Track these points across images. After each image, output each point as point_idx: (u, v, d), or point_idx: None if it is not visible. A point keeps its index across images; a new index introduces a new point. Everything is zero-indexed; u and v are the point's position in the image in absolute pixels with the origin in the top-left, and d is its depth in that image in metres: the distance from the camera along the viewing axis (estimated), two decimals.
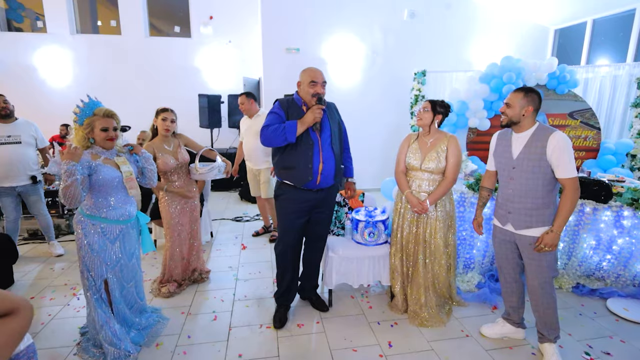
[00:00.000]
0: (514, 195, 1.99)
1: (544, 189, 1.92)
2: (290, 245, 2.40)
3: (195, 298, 2.76)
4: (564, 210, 1.86)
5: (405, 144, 2.50)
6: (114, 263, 2.05)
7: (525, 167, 1.94)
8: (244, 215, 4.86)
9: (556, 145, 1.84)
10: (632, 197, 2.61)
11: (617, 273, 2.77)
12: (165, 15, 6.86)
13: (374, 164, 5.89)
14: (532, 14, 5.95)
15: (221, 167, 2.81)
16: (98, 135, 1.96)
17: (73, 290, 2.87)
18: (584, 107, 4.31)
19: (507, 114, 1.97)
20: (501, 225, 2.11)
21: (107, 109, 1.99)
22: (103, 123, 1.95)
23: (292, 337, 2.32)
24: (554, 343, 2.07)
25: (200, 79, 6.62)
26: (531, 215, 1.95)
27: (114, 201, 2.01)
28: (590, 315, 2.55)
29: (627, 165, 4.30)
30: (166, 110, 2.68)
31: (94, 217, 1.97)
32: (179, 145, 2.78)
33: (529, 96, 1.93)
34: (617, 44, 5.13)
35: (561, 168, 1.85)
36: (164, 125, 2.66)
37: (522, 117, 1.94)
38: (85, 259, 1.97)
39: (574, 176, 1.84)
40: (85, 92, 2.22)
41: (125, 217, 2.06)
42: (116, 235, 2.04)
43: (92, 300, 2.01)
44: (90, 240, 1.96)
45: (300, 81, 2.24)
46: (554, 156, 1.85)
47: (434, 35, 5.92)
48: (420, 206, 2.34)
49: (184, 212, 2.80)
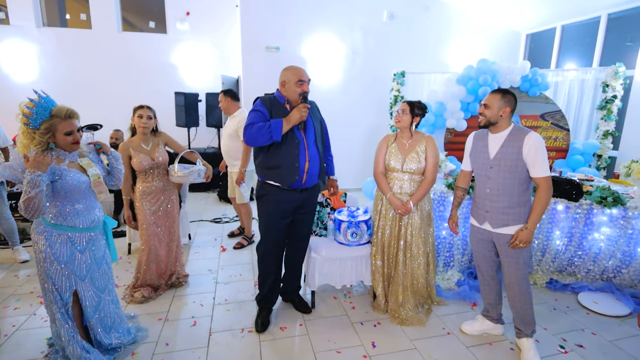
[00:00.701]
0: (491, 194, 2.04)
1: (520, 187, 1.97)
2: (273, 247, 2.36)
3: (173, 303, 2.67)
4: (538, 207, 1.93)
5: (384, 146, 2.50)
6: (84, 274, 1.89)
7: (502, 167, 1.98)
8: (223, 216, 4.76)
9: (532, 145, 1.90)
10: (601, 195, 2.73)
11: (587, 268, 2.89)
12: (139, 9, 6.61)
13: (354, 164, 5.92)
14: (505, 18, 6.15)
15: (201, 171, 2.71)
16: (62, 140, 1.76)
17: (40, 299, 2.70)
18: (555, 109, 4.49)
19: (485, 115, 2.01)
20: (478, 224, 2.15)
21: (67, 108, 1.76)
22: (67, 126, 1.74)
23: (275, 340, 2.28)
24: (531, 337, 2.13)
25: (177, 77, 6.43)
26: (507, 214, 2.00)
27: (81, 208, 1.85)
28: (563, 310, 2.65)
29: (594, 164, 4.51)
30: (142, 107, 2.59)
31: (61, 227, 1.80)
32: (158, 144, 2.67)
33: (506, 97, 1.98)
34: (584, 49, 5.39)
35: (536, 167, 1.91)
36: (140, 123, 2.57)
37: (500, 117, 1.98)
38: (51, 271, 1.80)
39: (548, 175, 1.91)
40: (53, 88, 2.09)
41: (94, 224, 1.92)
42: (85, 243, 1.89)
43: (58, 315, 1.85)
44: (56, 251, 1.79)
45: (285, 80, 2.18)
46: (529, 156, 1.90)
47: (412, 37, 6.01)
48: (404, 208, 2.36)
49: (160, 213, 2.69)
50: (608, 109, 4.38)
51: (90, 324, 1.97)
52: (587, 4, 5.00)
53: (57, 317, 1.86)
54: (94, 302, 1.95)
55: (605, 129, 4.43)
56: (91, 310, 1.95)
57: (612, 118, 4.38)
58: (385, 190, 2.44)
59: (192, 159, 2.81)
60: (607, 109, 4.39)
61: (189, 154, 2.79)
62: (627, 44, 4.82)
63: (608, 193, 2.72)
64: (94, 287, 1.96)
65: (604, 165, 4.46)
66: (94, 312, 1.96)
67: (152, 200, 2.66)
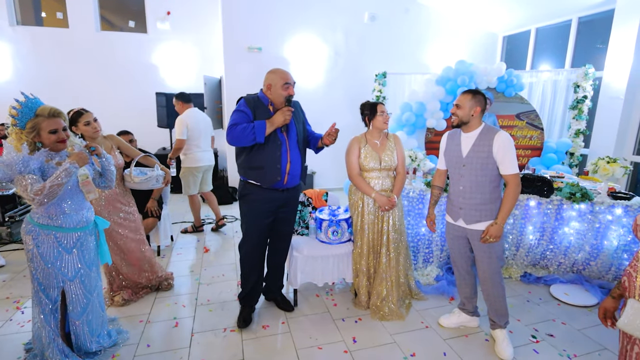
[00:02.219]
0: (464, 191, 2.11)
1: (491, 185, 2.06)
2: (256, 246, 2.39)
3: (155, 305, 2.65)
4: (507, 203, 2.01)
5: (356, 148, 2.54)
6: (72, 274, 1.89)
7: (474, 165, 2.06)
8: (206, 217, 4.73)
9: (501, 144, 1.98)
10: (570, 191, 2.86)
11: (558, 261, 3.02)
12: (118, 8, 6.49)
13: (336, 164, 5.92)
14: (483, 21, 6.33)
15: (159, 176, 2.61)
16: (47, 139, 1.77)
17: (16, 304, 2.64)
18: (529, 109, 4.65)
19: (457, 115, 2.09)
20: (453, 221, 2.22)
21: (51, 107, 1.79)
22: (50, 125, 1.76)
23: (258, 339, 2.30)
24: (504, 328, 2.22)
25: (158, 77, 6.34)
26: (480, 210, 2.08)
27: (68, 207, 1.85)
28: (536, 302, 2.76)
29: (567, 162, 4.70)
30: (83, 113, 2.36)
31: (47, 227, 1.80)
32: (112, 147, 2.52)
33: (477, 97, 2.06)
34: (557, 51, 5.59)
35: (505, 165, 1.99)
36: (91, 129, 2.36)
37: (471, 117, 2.06)
38: (38, 271, 1.81)
39: (516, 172, 2.00)
40: (28, 88, 2.05)
41: (82, 224, 1.91)
42: (73, 243, 1.88)
43: (42, 315, 1.85)
44: (43, 250, 1.80)
45: (272, 83, 2.19)
46: (499, 154, 1.99)
47: (393, 38, 6.11)
48: (390, 203, 2.44)
49: (121, 219, 2.57)
50: (579, 108, 4.57)
51: (75, 326, 1.95)
52: (559, 7, 5.20)
53: (41, 317, 1.86)
54: (81, 304, 1.95)
55: (576, 128, 4.62)
56: (79, 312, 1.94)
57: (583, 117, 4.57)
58: (368, 191, 2.49)
59: (149, 163, 2.67)
60: (578, 108, 4.57)
61: (145, 159, 2.67)
62: (598, 47, 5.03)
63: (577, 189, 2.85)
64: (83, 288, 1.94)
65: (576, 162, 4.65)
66: (82, 314, 1.95)
67: (110, 206, 2.53)
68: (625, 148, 4.37)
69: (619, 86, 4.28)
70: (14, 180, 1.70)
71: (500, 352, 2.14)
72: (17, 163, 1.68)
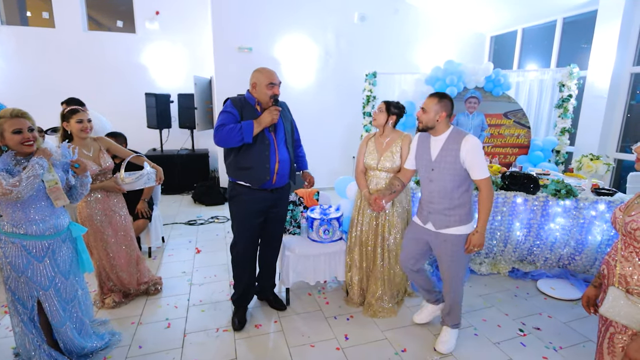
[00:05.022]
0: (433, 196, 2.07)
1: (460, 189, 2.02)
2: (247, 246, 2.39)
3: (147, 306, 2.64)
4: (483, 209, 1.97)
5: (364, 145, 2.56)
6: (47, 283, 1.82)
7: (442, 169, 2.01)
8: (197, 218, 4.72)
9: (469, 148, 1.93)
10: (556, 188, 2.93)
11: (545, 256, 3.09)
12: (106, 8, 6.41)
13: (328, 163, 5.99)
14: (471, 21, 6.42)
15: (150, 174, 2.55)
16: (11, 140, 1.69)
17: (4, 308, 2.60)
18: (516, 108, 4.74)
19: (422, 120, 2.04)
20: (422, 224, 2.18)
21: (13, 108, 1.73)
22: (13, 124, 1.69)
23: (250, 338, 2.31)
24: (452, 329, 2.23)
25: (147, 78, 6.28)
26: (449, 215, 2.03)
27: (34, 214, 1.76)
28: (523, 296, 2.83)
29: (553, 160, 4.80)
30: (78, 111, 2.32)
31: (12, 235, 1.73)
32: (100, 149, 2.47)
33: (443, 102, 1.99)
34: (543, 50, 5.71)
35: (475, 170, 1.95)
36: (81, 128, 2.31)
37: (437, 122, 2.01)
38: (10, 280, 1.76)
39: (487, 176, 1.96)
40: (13, 90, 2.03)
41: (51, 232, 1.81)
42: (44, 252, 1.81)
43: (21, 324, 1.81)
44: (12, 260, 1.74)
45: (256, 82, 2.20)
46: (467, 158, 1.95)
47: (383, 38, 6.16)
48: (375, 204, 2.38)
49: (111, 221, 2.53)
50: (564, 107, 4.66)
51: (59, 333, 1.91)
52: (545, 8, 5.31)
53: (21, 326, 1.82)
54: (59, 314, 1.88)
55: (562, 126, 4.71)
56: (60, 320, 1.89)
57: (568, 116, 4.67)
58: (362, 187, 2.51)
59: (139, 162, 2.64)
60: (563, 107, 4.67)
61: (136, 159, 2.62)
62: (582, 46, 5.15)
63: (562, 186, 2.92)
64: (59, 298, 1.88)
65: (562, 160, 4.74)
66: (63, 323, 1.90)
67: (100, 208, 2.49)
68: (609, 145, 4.49)
69: (602, 85, 4.39)
70: None
71: (437, 344, 2.20)
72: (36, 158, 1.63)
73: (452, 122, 4.60)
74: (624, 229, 1.36)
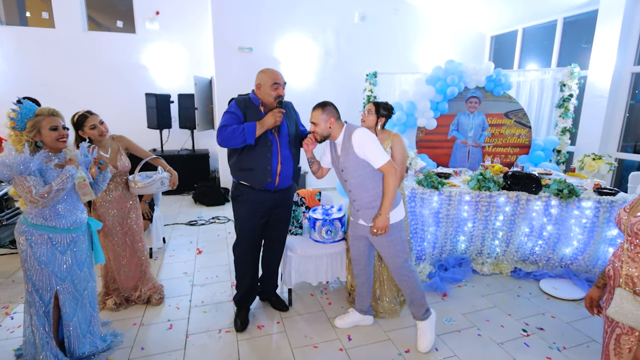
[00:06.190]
0: (354, 193, 2.12)
1: (372, 181, 2.05)
2: (250, 247, 2.38)
3: (148, 308, 2.63)
4: (387, 193, 2.00)
5: None
6: (64, 275, 1.90)
7: (349, 168, 2.06)
8: (198, 218, 4.71)
9: (359, 141, 1.98)
10: (558, 188, 2.92)
11: (547, 256, 3.09)
12: (105, 8, 6.40)
13: None
14: (471, 21, 6.41)
15: (164, 178, 2.50)
16: (48, 136, 1.81)
17: (5, 310, 2.60)
18: (517, 107, 4.73)
19: (317, 132, 2.09)
20: (355, 221, 2.22)
21: (49, 107, 1.86)
22: (50, 122, 1.81)
23: (253, 339, 2.30)
24: (424, 321, 2.21)
25: (148, 78, 6.27)
26: (373, 207, 2.07)
27: (62, 208, 1.86)
28: (526, 296, 2.82)
29: (554, 159, 4.79)
30: (88, 116, 2.29)
31: (41, 227, 1.82)
32: (119, 150, 2.45)
33: (326, 110, 2.06)
34: (544, 50, 5.70)
35: (373, 159, 1.99)
36: (98, 133, 2.30)
37: (330, 129, 2.07)
38: (31, 272, 1.82)
39: (387, 160, 1.98)
40: (12, 90, 2.03)
41: (76, 225, 1.92)
42: (67, 244, 1.90)
43: (34, 317, 1.85)
44: (36, 251, 1.81)
45: (261, 83, 2.19)
46: (361, 151, 1.99)
47: (383, 38, 6.15)
48: None
49: (123, 223, 2.53)
50: (565, 107, 4.66)
51: (69, 328, 1.95)
52: (545, 8, 5.31)
53: (34, 320, 1.86)
54: (73, 304, 1.96)
55: (563, 125, 4.71)
56: (70, 313, 1.95)
57: (569, 115, 4.67)
58: None
59: (156, 164, 2.61)
60: (564, 107, 4.67)
61: (153, 161, 2.59)
62: (583, 46, 5.15)
63: (564, 186, 2.92)
64: (74, 289, 1.96)
65: (563, 160, 4.74)
66: (73, 315, 1.96)
67: (114, 209, 2.48)
68: (610, 145, 4.49)
69: (603, 85, 4.39)
70: (12, 181, 1.70)
71: (417, 344, 2.20)
72: (18, 164, 1.68)
73: (452, 123, 4.66)
74: (629, 230, 1.35)
